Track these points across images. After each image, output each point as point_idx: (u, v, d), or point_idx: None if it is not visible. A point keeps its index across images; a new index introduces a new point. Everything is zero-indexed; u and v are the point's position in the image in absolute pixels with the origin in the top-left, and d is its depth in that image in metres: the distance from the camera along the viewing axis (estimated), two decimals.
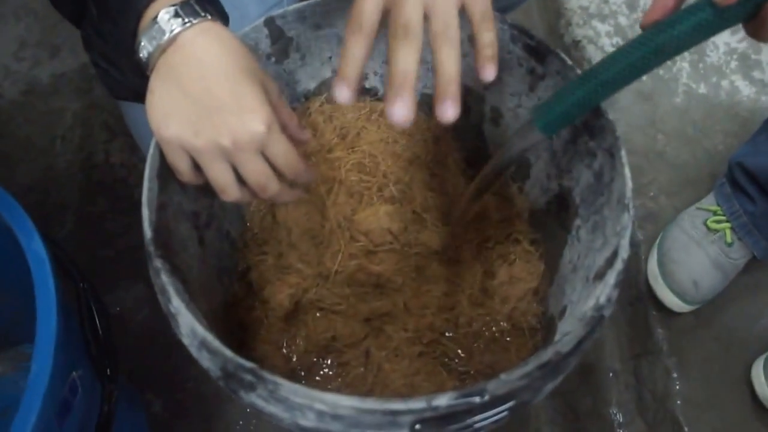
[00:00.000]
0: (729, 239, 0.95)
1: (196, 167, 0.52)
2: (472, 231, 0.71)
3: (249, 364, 0.43)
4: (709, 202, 1.01)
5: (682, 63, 1.24)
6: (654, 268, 0.98)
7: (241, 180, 0.53)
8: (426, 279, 0.69)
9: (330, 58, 0.69)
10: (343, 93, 0.51)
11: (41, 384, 0.51)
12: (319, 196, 0.69)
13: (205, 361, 0.46)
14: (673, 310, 0.97)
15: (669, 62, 1.23)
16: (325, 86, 0.71)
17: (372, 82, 0.73)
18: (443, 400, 0.40)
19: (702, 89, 1.21)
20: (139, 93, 0.56)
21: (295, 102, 0.71)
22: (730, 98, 1.21)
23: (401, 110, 0.49)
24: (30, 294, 0.84)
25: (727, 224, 0.96)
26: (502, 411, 0.44)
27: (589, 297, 0.51)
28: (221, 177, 0.52)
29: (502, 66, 0.65)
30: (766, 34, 0.46)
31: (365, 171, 0.71)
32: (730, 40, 1.27)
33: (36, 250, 0.58)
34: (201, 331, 0.45)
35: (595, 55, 1.25)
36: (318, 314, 0.67)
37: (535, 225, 0.72)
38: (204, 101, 0.50)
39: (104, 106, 1.31)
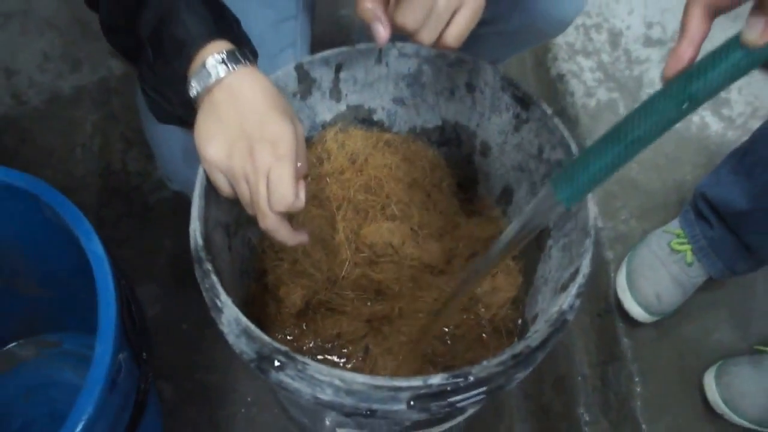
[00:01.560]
0: (689, 260, 1.07)
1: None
2: (461, 247, 0.82)
3: (283, 348, 0.54)
4: (675, 226, 1.13)
5: None
6: (623, 281, 1.10)
7: None
8: (420, 287, 0.80)
9: (346, 95, 0.80)
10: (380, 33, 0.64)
11: (105, 362, 0.62)
12: (330, 211, 0.80)
13: (242, 345, 0.56)
14: (638, 320, 1.09)
15: (643, 95, 1.36)
16: (340, 117, 0.82)
17: (379, 115, 0.84)
18: (436, 380, 0.52)
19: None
20: (182, 119, 0.66)
21: (313, 130, 0.82)
22: (700, 132, 1.33)
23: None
24: (58, 289, 0.94)
25: (688, 246, 1.08)
26: (481, 393, 0.55)
27: (556, 304, 0.62)
28: (245, 194, 0.62)
29: (493, 108, 0.76)
30: None
31: (371, 192, 0.82)
32: None
33: (95, 249, 0.68)
34: (244, 320, 0.56)
35: (577, 88, 1.37)
36: (326, 313, 0.78)
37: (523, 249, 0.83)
38: (238, 131, 0.60)
39: (121, 118, 1.41)
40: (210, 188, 0.65)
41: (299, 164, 0.61)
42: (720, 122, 1.34)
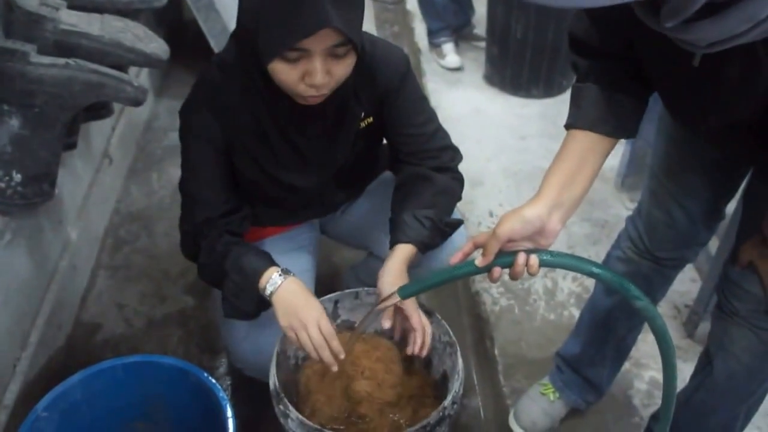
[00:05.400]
0: (552, 398, 1.77)
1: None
2: (404, 392, 1.53)
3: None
4: (545, 380, 1.83)
5: (540, 302, 2.12)
6: (512, 417, 1.79)
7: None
8: (382, 414, 1.49)
9: (340, 315, 1.55)
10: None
11: None
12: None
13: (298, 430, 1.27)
14: None
15: (531, 300, 2.11)
16: (344, 325, 1.56)
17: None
18: None
19: (552, 316, 2.08)
20: (248, 315, 1.41)
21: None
22: (569, 321, 2.06)
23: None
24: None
25: (551, 389, 1.78)
26: None
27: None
28: (305, 340, 1.34)
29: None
30: (516, 277, 1.07)
31: (356, 364, 1.53)
32: (571, 285, 2.16)
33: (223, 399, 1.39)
34: (304, 420, 1.26)
35: (487, 299, 2.12)
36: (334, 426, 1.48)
37: (437, 389, 1.54)
38: (294, 308, 1.33)
39: (196, 332, 2.15)
40: (280, 356, 1.38)
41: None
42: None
